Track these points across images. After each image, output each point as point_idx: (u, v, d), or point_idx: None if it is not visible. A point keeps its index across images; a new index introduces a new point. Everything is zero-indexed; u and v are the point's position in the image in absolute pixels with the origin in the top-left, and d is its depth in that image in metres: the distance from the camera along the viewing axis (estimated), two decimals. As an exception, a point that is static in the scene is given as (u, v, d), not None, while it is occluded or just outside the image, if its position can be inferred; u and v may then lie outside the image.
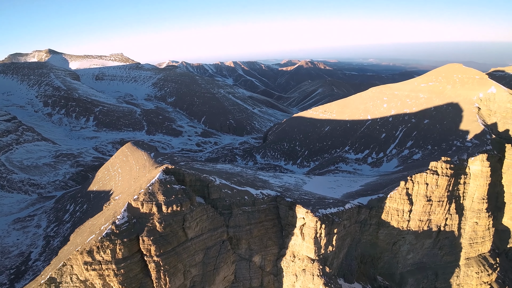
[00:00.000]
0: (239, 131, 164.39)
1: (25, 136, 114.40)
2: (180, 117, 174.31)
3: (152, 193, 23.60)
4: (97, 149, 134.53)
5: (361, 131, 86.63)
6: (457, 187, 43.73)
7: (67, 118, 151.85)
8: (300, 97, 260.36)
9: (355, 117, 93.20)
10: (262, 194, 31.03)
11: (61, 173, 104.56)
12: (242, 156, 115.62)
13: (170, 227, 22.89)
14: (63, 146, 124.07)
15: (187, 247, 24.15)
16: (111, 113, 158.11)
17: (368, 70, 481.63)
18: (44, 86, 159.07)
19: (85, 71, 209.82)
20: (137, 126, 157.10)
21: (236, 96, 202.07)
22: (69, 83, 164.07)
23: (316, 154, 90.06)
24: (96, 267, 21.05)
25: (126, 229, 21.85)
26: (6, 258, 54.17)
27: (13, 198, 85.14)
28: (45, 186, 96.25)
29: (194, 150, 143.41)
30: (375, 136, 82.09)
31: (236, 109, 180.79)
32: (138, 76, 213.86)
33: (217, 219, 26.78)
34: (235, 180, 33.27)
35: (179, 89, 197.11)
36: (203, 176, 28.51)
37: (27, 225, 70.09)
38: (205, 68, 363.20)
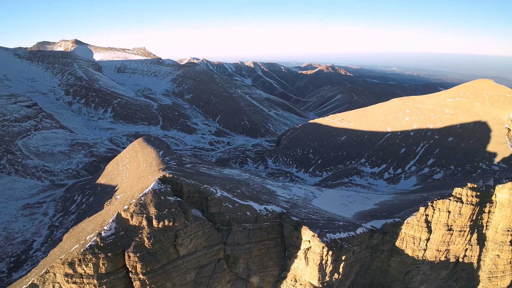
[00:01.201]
0: (253, 132, 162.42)
1: (43, 122, 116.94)
2: (196, 115, 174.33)
3: (143, 204, 21.81)
4: (112, 140, 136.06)
5: (379, 144, 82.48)
6: (481, 216, 39.71)
7: (86, 108, 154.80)
8: (318, 102, 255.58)
9: (374, 128, 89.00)
10: (266, 210, 28.67)
11: (75, 162, 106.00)
12: (253, 159, 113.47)
13: (159, 243, 21.01)
14: (80, 135, 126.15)
15: (177, 265, 22.19)
16: (129, 106, 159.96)
17: (390, 79, 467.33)
18: (67, 75, 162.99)
19: (108, 63, 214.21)
20: (153, 121, 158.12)
21: (253, 97, 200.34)
22: (91, 74, 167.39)
23: (329, 163, 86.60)
24: (77, 280, 19.53)
25: (112, 242, 20.17)
26: (9, 244, 54.40)
27: (26, 183, 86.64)
28: (58, 173, 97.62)
29: (206, 149, 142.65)
30: (394, 150, 77.83)
31: (251, 110, 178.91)
32: (159, 71, 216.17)
33: (214, 235, 24.67)
34: (239, 192, 31.04)
35: (197, 87, 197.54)
36: (203, 187, 26.46)
37: (35, 212, 70.72)
38: (225, 67, 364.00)
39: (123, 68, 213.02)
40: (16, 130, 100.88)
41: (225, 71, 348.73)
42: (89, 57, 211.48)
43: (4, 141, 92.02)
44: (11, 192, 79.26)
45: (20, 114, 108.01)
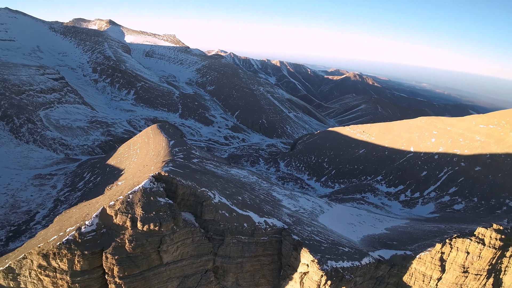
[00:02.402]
0: (270, 132, 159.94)
1: (67, 97, 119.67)
2: (215, 107, 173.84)
3: (130, 203, 20.19)
4: (130, 122, 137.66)
5: (399, 163, 77.92)
6: (501, 260, 35.65)
7: (110, 87, 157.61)
8: (340, 109, 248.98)
9: (396, 145, 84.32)
10: (266, 224, 26.47)
11: (91, 138, 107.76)
12: (266, 160, 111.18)
13: (141, 248, 19.36)
14: (100, 114, 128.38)
15: (159, 273, 20.49)
16: (151, 90, 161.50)
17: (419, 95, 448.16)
18: (96, 53, 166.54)
19: (137, 46, 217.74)
20: (173, 108, 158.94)
21: (274, 96, 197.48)
22: (119, 55, 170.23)
23: (343, 176, 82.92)
24: (50, 274, 18.28)
25: (91, 239, 18.74)
26: (13, 212, 55.23)
27: (42, 154, 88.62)
28: (74, 148, 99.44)
29: (220, 143, 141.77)
30: (414, 172, 73.17)
31: (271, 109, 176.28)
32: (185, 59, 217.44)
33: (204, 245, 22.79)
34: (239, 199, 28.95)
35: (220, 79, 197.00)
36: (200, 190, 24.55)
37: (44, 183, 71.90)
38: (251, 62, 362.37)
39: (151, 52, 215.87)
40: (40, 101, 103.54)
41: (250, 67, 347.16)
42: (120, 39, 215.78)
43: (27, 110, 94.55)
44: (26, 160, 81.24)
45: (46, 86, 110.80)
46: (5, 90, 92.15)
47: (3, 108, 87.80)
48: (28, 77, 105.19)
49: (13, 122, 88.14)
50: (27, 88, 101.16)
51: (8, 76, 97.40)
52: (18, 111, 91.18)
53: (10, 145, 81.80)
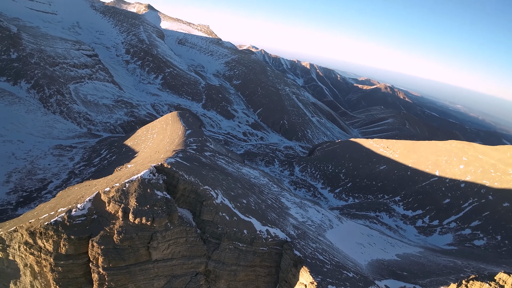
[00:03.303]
0: (289, 134, 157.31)
1: (98, 74, 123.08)
2: (238, 102, 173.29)
3: (126, 192, 19.17)
4: (154, 106, 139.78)
5: (421, 186, 73.32)
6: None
7: (140, 70, 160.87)
8: (366, 120, 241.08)
9: (420, 166, 79.50)
10: (268, 234, 24.78)
11: (115, 117, 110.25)
12: (281, 162, 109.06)
13: (130, 241, 18.31)
14: (126, 94, 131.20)
15: (146, 269, 19.39)
16: (179, 77, 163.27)
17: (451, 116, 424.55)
18: (131, 35, 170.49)
19: (172, 33, 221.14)
20: (197, 97, 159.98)
21: (299, 99, 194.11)
22: (153, 40, 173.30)
23: (359, 190, 79.33)
24: (34, 252, 17.71)
25: (80, 223, 17.93)
26: (29, 178, 56.87)
27: (66, 125, 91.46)
28: (97, 124, 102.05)
29: (238, 138, 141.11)
30: (436, 198, 68.52)
31: (294, 111, 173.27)
32: (216, 51, 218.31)
33: (198, 247, 21.48)
34: (243, 202, 27.36)
35: (247, 75, 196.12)
36: (202, 188, 23.21)
37: (63, 154, 73.86)
38: (280, 62, 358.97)
39: (184, 40, 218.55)
40: (72, 74, 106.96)
41: (279, 66, 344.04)
42: (156, 24, 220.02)
43: (58, 82, 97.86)
44: (50, 130, 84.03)
45: (80, 61, 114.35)
46: (40, 60, 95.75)
47: (36, 77, 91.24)
48: (63, 51, 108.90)
49: (43, 91, 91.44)
50: (61, 61, 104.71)
51: (45, 47, 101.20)
52: (50, 82, 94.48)
53: (38, 114, 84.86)
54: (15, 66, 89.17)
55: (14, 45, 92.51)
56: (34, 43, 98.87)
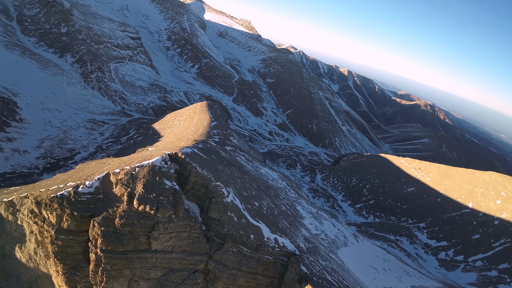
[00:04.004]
0: (316, 140, 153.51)
1: (138, 56, 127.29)
2: (269, 100, 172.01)
3: (134, 176, 18.61)
4: (186, 94, 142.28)
5: (451, 216, 67.71)
6: None
7: (178, 57, 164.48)
8: (399, 137, 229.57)
9: (452, 195, 73.51)
10: (275, 243, 23.30)
11: (148, 100, 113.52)
12: (303, 167, 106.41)
13: (131, 227, 17.74)
14: (162, 79, 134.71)
15: (144, 258, 18.78)
16: (214, 69, 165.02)
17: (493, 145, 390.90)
18: (175, 23, 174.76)
19: (213, 25, 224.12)
20: (228, 91, 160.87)
21: (332, 105, 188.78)
22: (194, 29, 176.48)
23: (382, 209, 75.01)
24: (38, 222, 17.73)
25: (85, 201, 17.64)
26: (59, 147, 59.62)
27: (102, 102, 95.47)
28: (130, 104, 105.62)
29: (264, 136, 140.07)
30: (465, 231, 62.88)
31: (324, 117, 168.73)
32: (254, 47, 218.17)
33: (200, 244, 20.55)
34: (255, 205, 26.02)
35: (281, 74, 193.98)
36: (213, 184, 22.18)
37: (95, 129, 76.96)
38: (318, 65, 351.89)
39: (224, 33, 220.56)
40: (114, 54, 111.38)
41: (316, 69, 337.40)
42: (200, 14, 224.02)
43: (101, 59, 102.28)
44: (87, 104, 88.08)
45: (123, 42, 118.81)
46: (87, 37, 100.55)
47: (81, 53, 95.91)
48: (109, 31, 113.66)
49: (86, 67, 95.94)
50: (106, 40, 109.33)
51: (93, 26, 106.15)
52: (93, 59, 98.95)
53: (78, 87, 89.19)
54: (63, 40, 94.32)
55: (65, 20, 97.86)
56: (84, 20, 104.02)
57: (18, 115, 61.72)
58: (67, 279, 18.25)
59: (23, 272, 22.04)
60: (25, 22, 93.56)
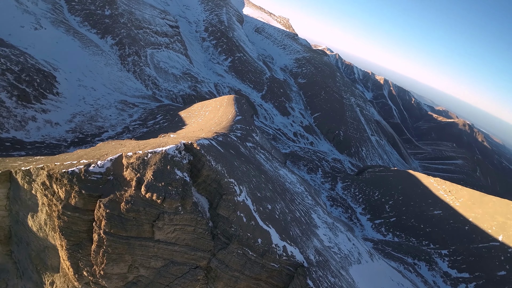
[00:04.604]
0: (342, 147, 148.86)
1: (175, 44, 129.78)
2: (298, 101, 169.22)
3: (145, 162, 18.07)
4: (216, 86, 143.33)
5: (477, 247, 62.36)
6: None
7: (213, 49, 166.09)
8: (431, 155, 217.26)
9: (482, 224, 67.73)
10: (284, 251, 21.99)
11: (178, 88, 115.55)
12: (324, 173, 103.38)
13: (136, 213, 17.24)
14: (195, 69, 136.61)
15: (146, 246, 18.30)
16: (246, 64, 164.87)
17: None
18: (213, 15, 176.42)
19: (251, 20, 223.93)
20: (258, 87, 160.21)
21: (363, 113, 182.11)
22: (232, 23, 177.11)
23: (403, 229, 70.78)
24: (48, 195, 17.78)
25: (94, 181, 17.38)
26: (89, 123, 61.80)
27: (135, 85, 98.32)
28: (161, 90, 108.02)
29: (288, 136, 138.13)
30: (490, 265, 57.56)
31: (354, 124, 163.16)
32: (289, 45, 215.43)
33: (204, 240, 19.74)
34: (268, 208, 24.78)
35: (314, 76, 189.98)
36: (226, 180, 21.21)
37: (125, 110, 79.26)
38: (353, 70, 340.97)
39: (261, 29, 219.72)
40: (152, 40, 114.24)
41: (351, 74, 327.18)
42: (239, 8, 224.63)
43: (139, 44, 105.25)
44: (121, 85, 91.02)
45: (162, 29, 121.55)
46: (128, 21, 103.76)
47: (121, 36, 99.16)
48: (150, 17, 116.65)
49: (124, 50, 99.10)
50: (146, 25, 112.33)
51: (135, 11, 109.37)
52: (131, 43, 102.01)
53: (114, 68, 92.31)
54: (106, 22, 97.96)
55: (110, 3, 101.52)
56: (127, 5, 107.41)
57: (56, 89, 64.70)
58: (70, 254, 18.24)
59: (32, 240, 22.49)
60: (73, 1, 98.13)
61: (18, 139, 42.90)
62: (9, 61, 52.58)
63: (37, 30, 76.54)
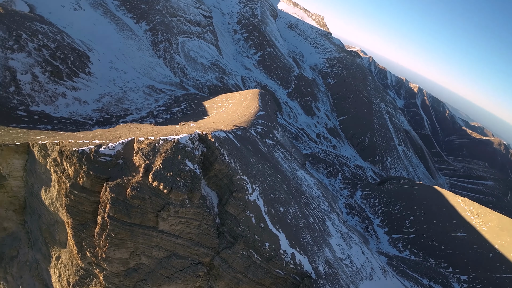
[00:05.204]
0: (365, 153, 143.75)
1: (206, 35, 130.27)
2: (324, 102, 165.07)
3: (155, 149, 17.37)
4: (243, 79, 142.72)
5: (499, 277, 57.47)
6: None
7: (243, 42, 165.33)
8: (460, 172, 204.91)
9: (508, 253, 62.40)
10: (292, 258, 20.71)
11: (206, 78, 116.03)
12: (344, 179, 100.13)
13: (141, 201, 16.67)
14: (223, 60, 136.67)
15: (149, 235, 17.76)
16: (275, 59, 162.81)
17: None
18: (247, 8, 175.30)
19: (285, 15, 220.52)
20: (285, 84, 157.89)
21: (392, 121, 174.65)
22: (265, 17, 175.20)
23: (421, 248, 66.84)
24: (58, 171, 17.64)
25: (104, 162, 16.96)
26: (116, 104, 63.19)
27: (164, 71, 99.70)
28: (189, 79, 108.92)
29: (310, 137, 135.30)
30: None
31: (381, 131, 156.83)
32: (321, 44, 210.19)
33: (209, 237, 18.90)
34: (280, 211, 23.51)
35: (344, 77, 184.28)
36: (238, 177, 20.15)
37: (151, 95, 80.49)
38: (386, 75, 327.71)
39: (294, 25, 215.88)
40: (184, 28, 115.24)
41: (383, 79, 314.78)
42: (274, 3, 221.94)
43: (171, 32, 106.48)
44: (150, 70, 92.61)
45: (195, 19, 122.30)
46: (164, 8, 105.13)
47: (155, 22, 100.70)
48: (184, 5, 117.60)
49: (157, 36, 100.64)
50: (180, 14, 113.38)
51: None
52: (164, 30, 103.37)
53: (146, 53, 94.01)
54: (142, 8, 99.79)
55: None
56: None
57: (88, 69, 66.65)
58: (74, 233, 18.11)
59: (44, 213, 22.74)
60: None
61: (46, 113, 44.44)
62: (46, 38, 54.55)
63: (76, 10, 79.20)
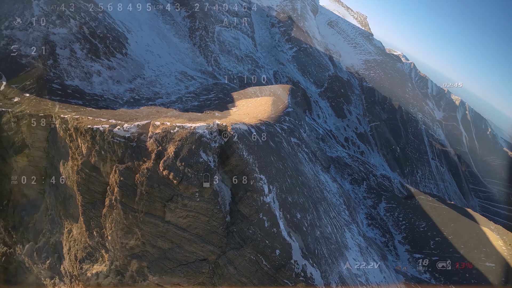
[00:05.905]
0: (395, 163, 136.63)
1: (243, 26, 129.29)
2: (357, 105, 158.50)
3: (169, 136, 16.35)
4: (275, 74, 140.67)
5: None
6: None
7: (280, 36, 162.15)
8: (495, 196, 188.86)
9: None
10: (303, 270, 19.05)
11: (238, 69, 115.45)
12: (369, 188, 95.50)
13: (149, 188, 15.83)
14: (257, 53, 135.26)
15: (155, 224, 16.98)
16: (310, 56, 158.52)
17: None
18: (288, 1, 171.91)
19: (326, 12, 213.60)
20: (318, 82, 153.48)
21: (428, 133, 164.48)
22: (305, 12, 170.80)
23: (444, 273, 61.86)
24: (72, 147, 17.33)
25: (116, 143, 16.29)
26: (147, 87, 64.23)
27: (198, 59, 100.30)
28: (221, 68, 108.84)
29: (338, 140, 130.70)
30: None
31: (414, 143, 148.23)
32: (361, 45, 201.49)
33: (217, 235, 17.75)
34: (297, 217, 21.75)
35: (381, 81, 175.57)
36: (255, 176, 18.75)
37: (183, 81, 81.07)
38: (427, 84, 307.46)
39: (334, 23, 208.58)
40: (222, 18, 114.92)
41: (423, 88, 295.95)
42: None
43: (209, 20, 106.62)
44: (184, 57, 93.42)
45: (234, 9, 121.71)
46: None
47: (194, 9, 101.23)
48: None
49: (194, 23, 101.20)
50: (219, 3, 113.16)
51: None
52: (202, 17, 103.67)
53: (182, 40, 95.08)
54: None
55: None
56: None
57: (125, 49, 68.17)
58: (83, 211, 17.84)
59: (61, 186, 22.87)
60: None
61: (80, 88, 45.76)
62: (88, 16, 56.17)
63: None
